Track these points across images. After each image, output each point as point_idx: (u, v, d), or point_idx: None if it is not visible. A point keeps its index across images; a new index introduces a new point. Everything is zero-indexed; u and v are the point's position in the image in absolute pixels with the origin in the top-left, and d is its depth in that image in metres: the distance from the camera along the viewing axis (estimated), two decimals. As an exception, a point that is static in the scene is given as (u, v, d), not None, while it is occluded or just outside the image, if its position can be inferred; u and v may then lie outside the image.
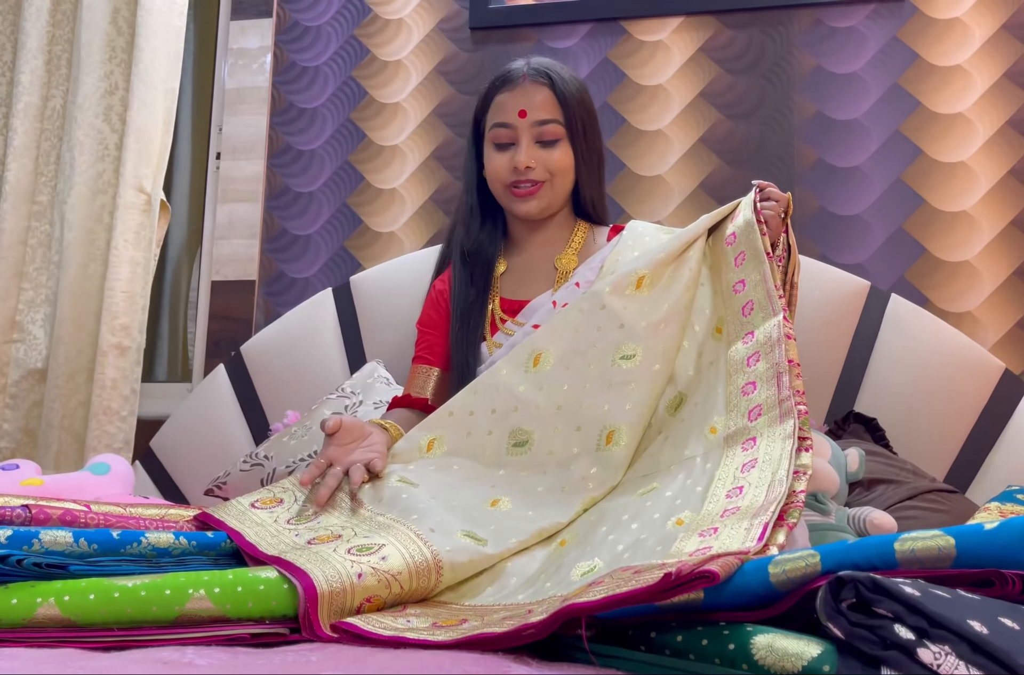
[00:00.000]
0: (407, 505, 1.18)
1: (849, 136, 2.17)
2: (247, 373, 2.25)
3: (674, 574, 0.76)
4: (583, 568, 1.03)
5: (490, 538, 1.15)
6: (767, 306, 1.28)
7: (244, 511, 1.23)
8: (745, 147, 2.22)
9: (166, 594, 0.90)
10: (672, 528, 1.04)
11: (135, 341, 2.35)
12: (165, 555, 1.03)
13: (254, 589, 0.93)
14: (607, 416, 1.30)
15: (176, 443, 2.25)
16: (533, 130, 1.50)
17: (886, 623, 0.66)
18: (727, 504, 1.02)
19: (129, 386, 2.33)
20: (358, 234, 2.42)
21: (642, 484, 1.21)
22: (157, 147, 2.40)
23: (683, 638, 0.77)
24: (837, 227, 2.15)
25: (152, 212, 2.39)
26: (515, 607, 0.98)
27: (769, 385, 1.17)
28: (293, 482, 1.30)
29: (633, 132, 2.28)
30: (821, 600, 0.70)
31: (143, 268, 2.37)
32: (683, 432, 1.25)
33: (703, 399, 1.28)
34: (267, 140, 2.51)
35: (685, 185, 2.24)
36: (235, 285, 2.47)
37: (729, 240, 1.40)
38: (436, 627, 0.92)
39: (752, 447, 1.13)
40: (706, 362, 1.33)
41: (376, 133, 2.44)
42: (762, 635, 0.72)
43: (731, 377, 1.24)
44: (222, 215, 2.51)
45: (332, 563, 1.00)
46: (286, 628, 0.91)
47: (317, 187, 2.46)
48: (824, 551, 0.77)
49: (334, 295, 2.25)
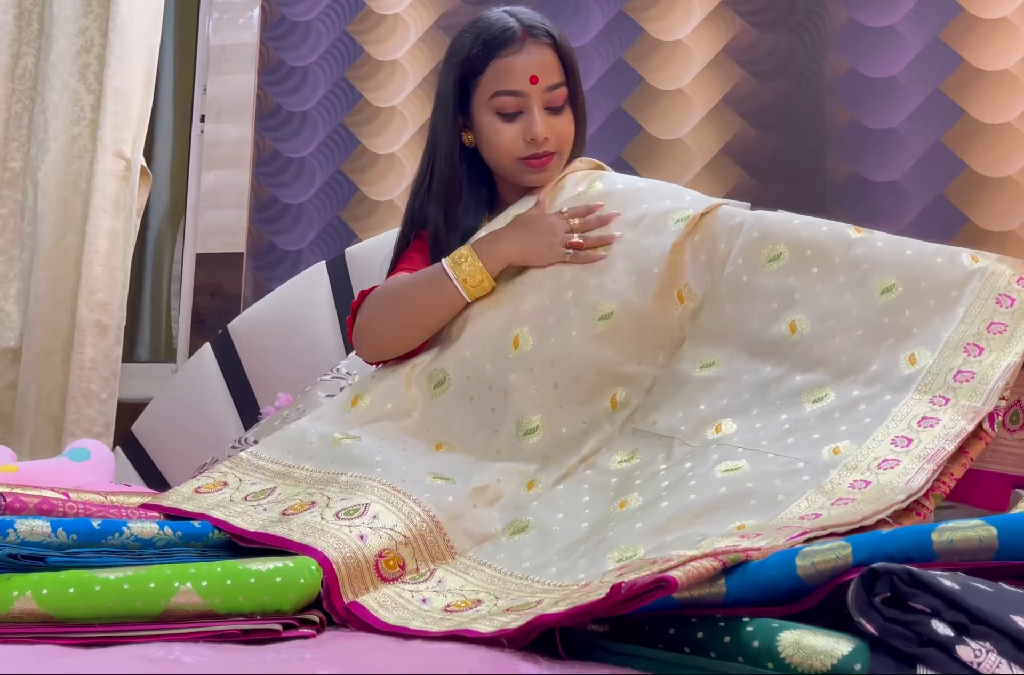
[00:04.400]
0: (363, 460, 1.25)
1: (885, 96, 2.15)
2: (235, 352, 2.25)
3: (624, 587, 0.78)
4: (622, 552, 1.04)
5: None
6: (984, 393, 1.13)
7: (191, 497, 1.25)
8: (772, 108, 2.20)
9: (150, 587, 0.90)
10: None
11: (115, 318, 2.35)
12: (149, 546, 1.04)
13: (244, 582, 0.93)
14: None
15: (159, 427, 2.25)
16: (544, 97, 1.48)
17: (923, 618, 0.66)
18: (791, 522, 0.98)
19: (109, 367, 2.33)
20: (354, 203, 2.41)
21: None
22: (137, 109, 2.39)
23: (704, 635, 0.78)
24: (872, 195, 2.13)
25: (132, 179, 2.38)
26: (531, 590, 1.02)
27: (922, 454, 1.08)
28: (231, 465, 1.33)
29: (651, 92, 2.26)
30: (853, 594, 0.70)
31: (123, 240, 2.37)
32: (804, 432, 1.18)
33: (920, 313, 1.22)
34: (255, 101, 2.50)
35: (707, 149, 2.23)
36: (222, 258, 2.47)
37: (1004, 302, 1.22)
38: (447, 611, 0.98)
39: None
40: (869, 376, 1.22)
41: (373, 93, 2.43)
42: (789, 631, 0.72)
43: (891, 422, 1.14)
44: (207, 182, 2.50)
45: (331, 532, 1.06)
46: (279, 624, 0.91)
47: (309, 152, 2.45)
48: (856, 542, 0.77)
49: (328, 269, 2.24)
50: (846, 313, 1.27)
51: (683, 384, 1.31)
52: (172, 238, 2.77)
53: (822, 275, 1.31)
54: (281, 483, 1.26)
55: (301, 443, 1.34)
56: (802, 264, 1.33)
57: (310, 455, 1.31)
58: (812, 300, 1.30)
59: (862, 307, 1.26)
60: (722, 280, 1.37)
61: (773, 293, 1.32)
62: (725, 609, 0.79)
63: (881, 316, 1.24)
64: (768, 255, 1.35)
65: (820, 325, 1.27)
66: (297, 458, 1.31)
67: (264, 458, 1.33)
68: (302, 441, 1.35)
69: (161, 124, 2.77)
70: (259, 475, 1.30)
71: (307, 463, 1.29)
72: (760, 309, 1.32)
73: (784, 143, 2.19)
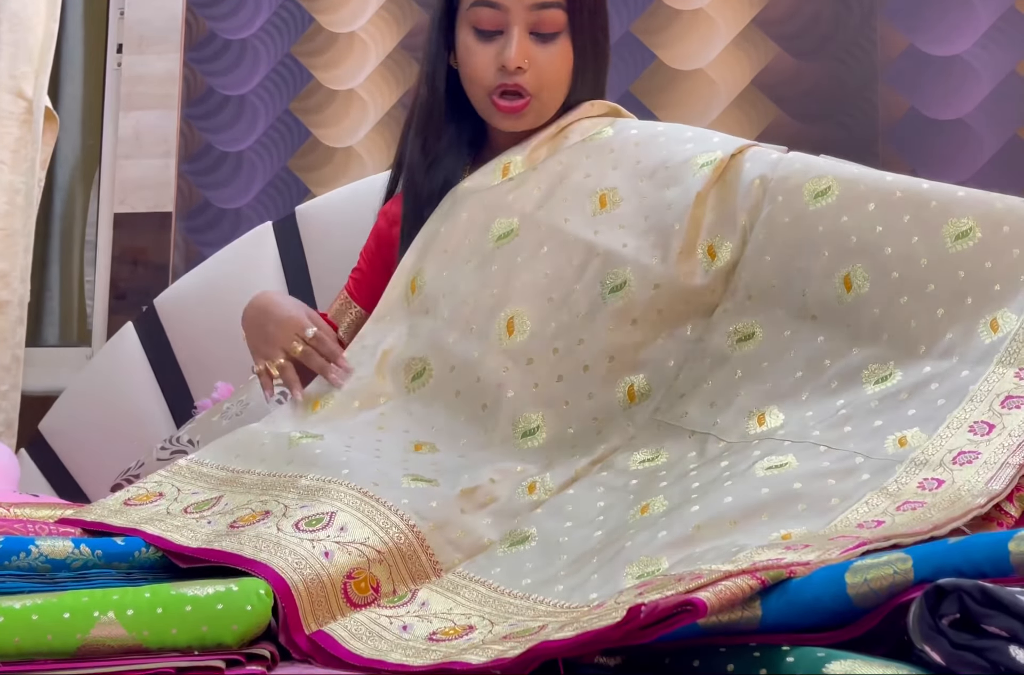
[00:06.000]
0: (327, 461, 1.25)
1: (949, 15, 2.15)
2: (163, 334, 2.25)
3: (645, 610, 0.78)
4: (643, 567, 1.04)
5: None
6: None
7: (119, 510, 1.25)
8: (812, 31, 2.20)
9: (64, 618, 0.90)
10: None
11: (16, 294, 2.34)
12: (62, 568, 1.04)
13: (179, 611, 0.93)
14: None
15: (73, 425, 2.25)
16: (529, 15, 1.49)
17: (999, 644, 0.66)
18: (847, 531, 0.98)
19: (10, 352, 2.33)
20: (305, 150, 2.40)
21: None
22: (39, 38, 2.37)
23: (735, 668, 0.78)
24: (934, 136, 2.14)
25: (35, 123, 2.36)
26: (533, 613, 1.02)
27: (1007, 442, 1.08)
28: (168, 473, 1.34)
29: (666, 12, 2.26)
30: (915, 616, 0.70)
31: (24, 197, 2.35)
32: (864, 419, 1.17)
33: (1004, 265, 1.20)
34: (183, 27, 2.48)
35: (734, 82, 2.22)
36: (145, 218, 2.46)
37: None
38: (432, 640, 0.97)
39: (933, 489, 1.06)
40: (944, 347, 1.21)
41: (326, 16, 2.42)
42: (837, 662, 0.73)
43: (969, 403, 1.14)
44: (126, 127, 2.49)
45: (289, 547, 1.06)
46: (222, 660, 0.91)
47: (251, 89, 2.44)
48: (917, 554, 0.78)
49: (275, 230, 2.24)
50: (914, 264, 1.23)
51: (718, 365, 1.31)
52: (85, 195, 2.76)
53: (882, 213, 1.27)
54: (228, 491, 1.26)
55: (251, 445, 1.35)
56: (856, 199, 1.29)
57: (262, 457, 1.31)
58: (872, 246, 1.26)
59: (933, 256, 1.23)
60: (759, 224, 1.34)
61: (822, 237, 1.29)
62: (761, 636, 0.79)
63: (956, 268, 1.21)
64: (813, 189, 1.32)
65: (883, 280, 1.25)
66: (246, 462, 1.31)
67: (207, 464, 1.33)
68: (252, 443, 1.35)
69: (70, 56, 2.75)
70: (201, 484, 1.30)
71: (258, 466, 1.29)
72: (808, 260, 1.30)
73: (827, 73, 2.19)
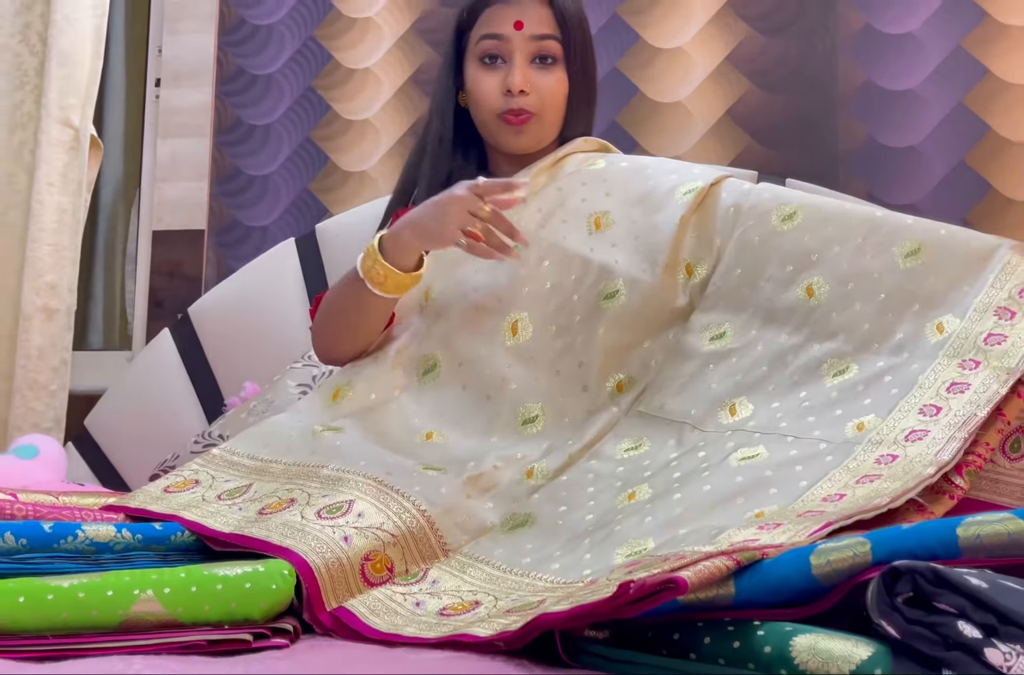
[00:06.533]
0: (346, 452, 1.27)
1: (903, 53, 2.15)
2: (196, 339, 2.24)
3: (634, 586, 0.78)
4: (631, 547, 1.05)
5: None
6: (1017, 355, 1.13)
7: (159, 497, 1.26)
8: (780, 67, 2.20)
9: (108, 596, 0.90)
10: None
11: (64, 302, 2.33)
12: (106, 551, 1.04)
13: (211, 589, 0.93)
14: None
15: (115, 421, 2.25)
16: (530, 45, 1.51)
17: (949, 620, 0.66)
18: (814, 506, 1.00)
19: (58, 355, 2.32)
20: (324, 174, 2.40)
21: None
22: (85, 73, 2.37)
23: (711, 640, 0.78)
24: (888, 161, 2.13)
25: (81, 150, 2.36)
26: (532, 589, 1.03)
27: (952, 421, 1.09)
28: (202, 462, 1.34)
29: (648, 50, 2.25)
30: (873, 594, 0.70)
31: (72, 216, 2.35)
32: (825, 409, 1.19)
33: (947, 280, 1.23)
34: (215, 64, 2.48)
35: (710, 113, 2.22)
36: (180, 235, 2.46)
37: None
38: (442, 615, 0.99)
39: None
40: (894, 345, 1.23)
41: (344, 53, 2.42)
42: (803, 636, 0.73)
43: (918, 390, 1.15)
44: (163, 153, 2.48)
45: (312, 533, 1.06)
46: (249, 634, 0.91)
47: (276, 119, 2.44)
48: (875, 538, 0.78)
49: (297, 246, 2.23)
50: (867, 276, 1.27)
51: (692, 360, 1.32)
52: (126, 214, 2.76)
53: (840, 236, 1.31)
54: (257, 479, 1.27)
55: (278, 436, 1.35)
56: (818, 224, 1.34)
57: (288, 448, 1.32)
58: (830, 261, 1.30)
59: (884, 271, 1.27)
60: (732, 243, 1.38)
61: (788, 254, 1.33)
62: (734, 612, 0.79)
63: (905, 281, 1.25)
64: (781, 214, 1.36)
65: (840, 289, 1.28)
66: (274, 452, 1.32)
67: (238, 453, 1.34)
68: (279, 434, 1.36)
69: (112, 89, 2.74)
70: (233, 472, 1.30)
71: (284, 456, 1.30)
72: (775, 272, 1.33)
73: (793, 105, 2.18)
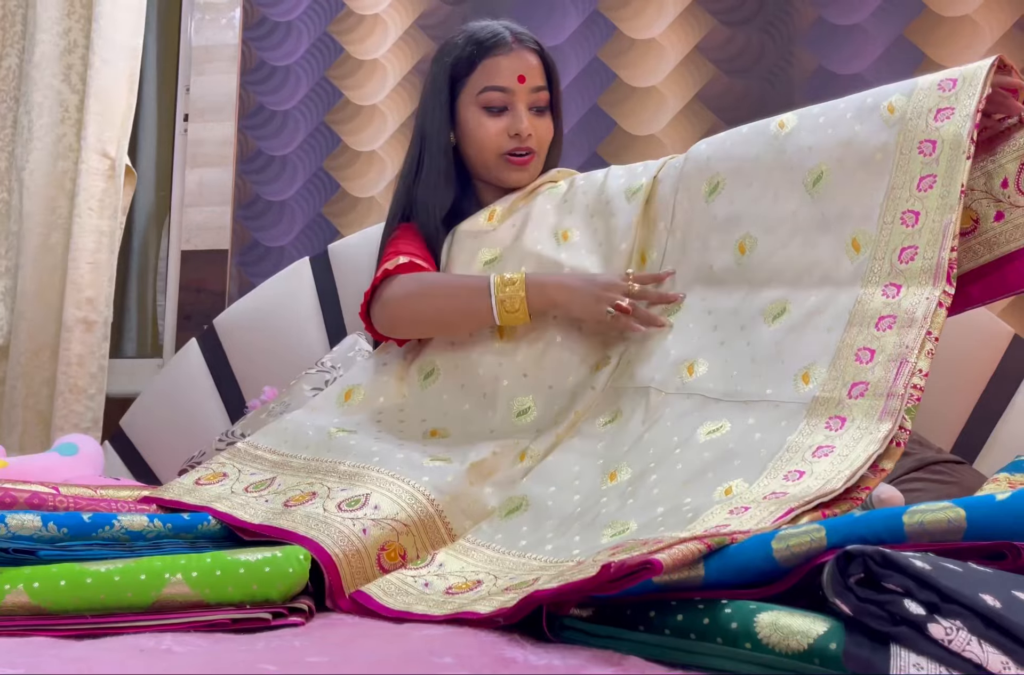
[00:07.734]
0: (360, 451, 1.27)
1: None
2: (221, 347, 2.24)
3: (614, 567, 0.79)
4: (616, 528, 1.05)
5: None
6: (931, 268, 1.08)
7: (192, 489, 1.26)
8: (744, 105, 2.20)
9: (141, 579, 0.90)
10: (719, 498, 1.01)
11: (102, 315, 2.33)
12: (139, 538, 1.04)
13: (234, 573, 0.93)
14: None
15: (147, 422, 2.24)
16: (530, 96, 1.53)
17: (896, 598, 0.66)
18: (777, 486, 0.99)
19: (96, 362, 2.32)
20: (336, 199, 2.40)
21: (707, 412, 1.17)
22: (121, 109, 2.37)
23: (683, 617, 0.78)
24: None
25: (117, 178, 2.36)
26: (528, 569, 1.03)
27: (887, 368, 1.04)
28: (229, 455, 1.35)
29: (625, 89, 2.26)
30: (828, 575, 0.70)
31: (109, 237, 2.35)
32: (772, 359, 1.15)
33: (851, 189, 1.18)
34: (237, 100, 2.48)
35: (682, 145, 2.22)
36: (206, 255, 2.45)
37: (926, 150, 1.15)
38: (448, 593, 0.99)
39: (838, 429, 1.04)
40: (819, 275, 1.18)
41: (353, 91, 2.42)
42: (766, 613, 0.73)
43: (851, 328, 1.10)
44: (191, 181, 2.48)
45: (335, 525, 1.07)
46: (268, 613, 0.91)
47: (292, 150, 2.44)
48: (830, 525, 0.78)
49: (311, 264, 2.23)
50: (788, 217, 1.25)
51: (654, 333, 1.31)
52: (157, 236, 2.75)
53: (761, 188, 1.29)
54: (280, 473, 1.27)
55: (297, 434, 1.36)
56: (740, 185, 1.31)
57: (306, 445, 1.33)
58: (755, 216, 1.29)
59: (800, 205, 1.24)
60: (675, 226, 1.38)
61: (720, 223, 1.32)
62: (704, 592, 0.80)
63: (818, 209, 1.22)
64: (708, 187, 1.35)
65: (768, 237, 1.26)
66: (293, 447, 1.33)
67: (261, 448, 1.35)
68: (298, 432, 1.36)
69: (145, 124, 2.74)
70: (257, 465, 1.31)
71: (303, 452, 1.31)
72: (711, 241, 1.32)
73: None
